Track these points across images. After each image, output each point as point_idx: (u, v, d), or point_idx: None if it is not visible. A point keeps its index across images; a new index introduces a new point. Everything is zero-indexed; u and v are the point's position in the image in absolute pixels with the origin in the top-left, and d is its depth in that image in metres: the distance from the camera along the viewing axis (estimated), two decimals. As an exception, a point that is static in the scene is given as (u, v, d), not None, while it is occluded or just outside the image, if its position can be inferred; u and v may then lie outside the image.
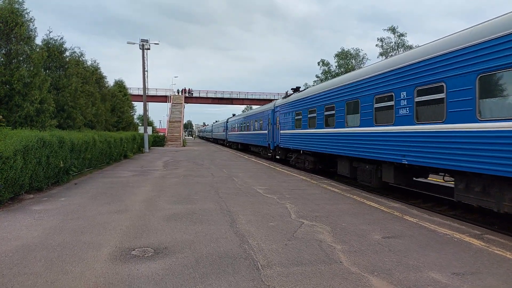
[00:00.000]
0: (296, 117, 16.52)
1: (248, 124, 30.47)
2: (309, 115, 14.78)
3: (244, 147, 35.10)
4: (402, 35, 46.39)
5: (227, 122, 45.63)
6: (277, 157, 20.46)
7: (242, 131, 33.34)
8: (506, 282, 3.96)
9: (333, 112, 12.41)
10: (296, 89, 19.34)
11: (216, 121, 70.14)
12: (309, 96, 15.00)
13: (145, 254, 4.73)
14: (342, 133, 11.67)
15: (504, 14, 6.35)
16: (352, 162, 11.52)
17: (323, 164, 14.71)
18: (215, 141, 64.15)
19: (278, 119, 19.88)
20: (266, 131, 22.57)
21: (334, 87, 12.53)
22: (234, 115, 46.28)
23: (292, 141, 17.11)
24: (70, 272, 4.13)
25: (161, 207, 7.64)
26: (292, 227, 6.11)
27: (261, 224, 6.30)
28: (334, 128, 12.24)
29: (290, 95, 19.19)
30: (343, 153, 11.65)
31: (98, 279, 3.94)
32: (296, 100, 16.77)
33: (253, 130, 27.72)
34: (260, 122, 25.10)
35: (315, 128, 14.00)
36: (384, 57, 44.27)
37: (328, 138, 12.78)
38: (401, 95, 8.68)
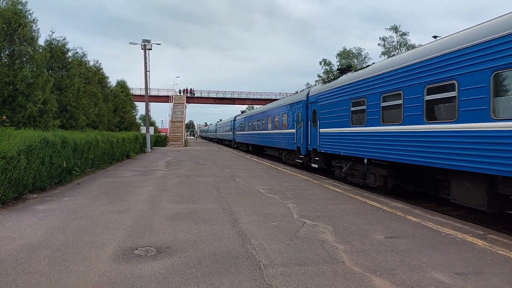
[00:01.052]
0: (353, 108, 11.36)
1: (264, 121, 24.76)
2: (383, 104, 9.68)
3: (257, 149, 29.96)
4: (404, 34, 46.35)
5: (234, 120, 40.46)
6: (313, 165, 14.83)
7: (256, 130, 27.71)
8: (509, 282, 3.95)
9: (451, 93, 7.39)
10: (346, 70, 14.34)
11: (220, 120, 66.31)
12: (386, 74, 9.56)
13: (148, 254, 4.75)
14: (477, 131, 6.72)
15: None
16: (498, 186, 6.65)
17: (402, 180, 10.08)
18: (220, 141, 59.63)
19: (315, 113, 14.75)
20: (294, 130, 17.48)
21: (452, 50, 7.42)
22: (242, 112, 42.98)
23: (343, 144, 12.00)
24: (73, 271, 4.15)
25: (163, 207, 7.66)
26: (294, 227, 6.12)
27: (263, 224, 6.30)
28: (455, 122, 7.26)
29: (335, 78, 13.89)
30: (470, 168, 6.87)
31: (101, 278, 3.95)
32: (353, 83, 11.48)
33: (272, 129, 22.17)
34: (283, 118, 19.65)
35: (399, 124, 8.98)
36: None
37: (434, 139, 7.81)
38: None
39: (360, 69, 12.23)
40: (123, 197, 8.79)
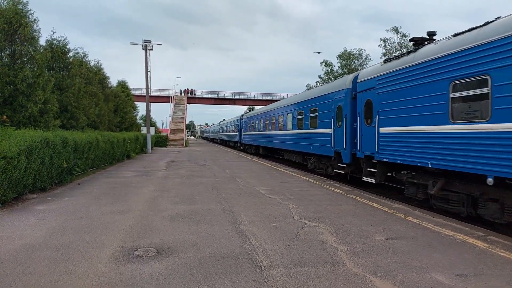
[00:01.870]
0: (455, 94, 7.19)
1: (282, 119, 20.36)
2: None
3: (269, 152, 26.03)
4: (405, 35, 46.24)
5: (241, 119, 35.62)
6: (367, 179, 10.61)
7: (270, 130, 23.09)
8: (509, 283, 3.94)
9: None
10: (427, 39, 9.09)
11: (224, 119, 62.33)
12: None
13: (148, 254, 4.75)
14: None
15: None
16: None
17: None
18: (223, 142, 54.66)
19: (369, 105, 10.55)
20: (330, 130, 13.28)
21: None
22: (250, 110, 41.39)
23: (432, 151, 7.75)
24: (73, 272, 4.15)
25: (164, 207, 7.65)
26: (294, 227, 6.11)
27: (263, 224, 6.30)
28: None
29: (407, 52, 9.20)
30: None
31: (101, 279, 3.95)
32: (456, 54, 7.15)
33: (295, 129, 17.74)
34: (313, 114, 15.32)
35: None
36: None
37: None
38: None
39: (465, 31, 7.27)
40: (124, 198, 8.79)
